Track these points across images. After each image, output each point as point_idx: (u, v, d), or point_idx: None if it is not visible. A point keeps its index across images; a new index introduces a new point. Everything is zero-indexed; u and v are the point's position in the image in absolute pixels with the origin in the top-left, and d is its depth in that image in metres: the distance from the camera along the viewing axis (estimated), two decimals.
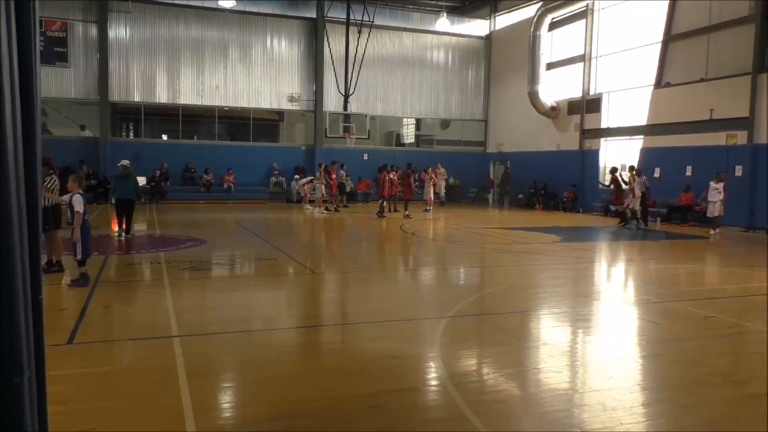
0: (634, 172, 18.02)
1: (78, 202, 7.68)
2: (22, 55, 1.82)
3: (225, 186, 25.85)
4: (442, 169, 26.29)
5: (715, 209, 16.09)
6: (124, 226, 12.91)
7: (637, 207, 17.81)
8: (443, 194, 26.47)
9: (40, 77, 2.11)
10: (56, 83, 24.09)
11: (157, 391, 4.32)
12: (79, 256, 7.77)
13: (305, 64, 27.90)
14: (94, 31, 24.67)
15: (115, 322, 6.54)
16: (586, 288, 9.18)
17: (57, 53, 23.89)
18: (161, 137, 27.72)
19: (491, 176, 30.85)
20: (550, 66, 26.41)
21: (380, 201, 20.10)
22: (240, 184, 26.29)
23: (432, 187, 23.15)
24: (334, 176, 22.90)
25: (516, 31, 28.22)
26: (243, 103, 27.08)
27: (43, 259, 7.86)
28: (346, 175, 25.83)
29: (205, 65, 26.35)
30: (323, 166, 22.34)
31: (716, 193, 16.04)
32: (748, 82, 17.74)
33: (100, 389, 4.35)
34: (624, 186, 18.14)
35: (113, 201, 13.85)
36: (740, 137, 18.10)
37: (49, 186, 8.33)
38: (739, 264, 11.77)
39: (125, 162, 13.57)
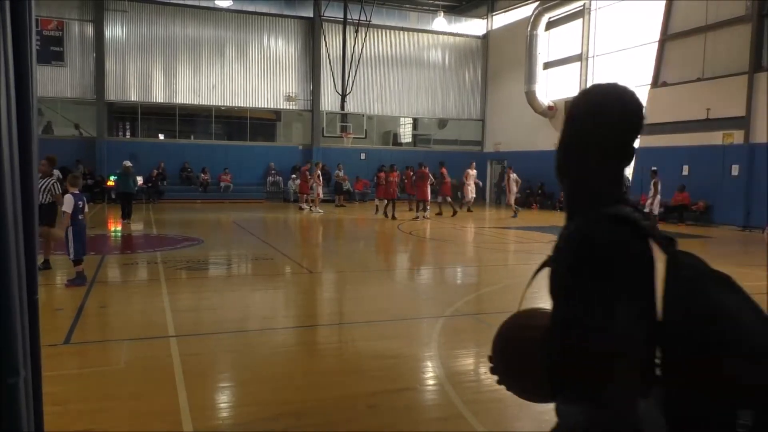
0: (508, 168, 20.73)
1: (67, 202, 7.65)
2: (18, 55, 1.82)
3: (222, 186, 25.77)
4: (474, 171, 22.99)
5: (649, 206, 16.06)
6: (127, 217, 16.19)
7: (512, 202, 20.30)
8: (471, 199, 22.71)
9: (36, 77, 2.11)
10: (52, 83, 24.00)
11: (154, 391, 4.32)
12: (71, 256, 7.74)
13: (302, 64, 27.86)
14: (90, 30, 24.60)
15: (112, 322, 6.53)
16: None
17: (53, 52, 23.81)
18: (158, 137, 27.63)
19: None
20: (547, 65, 26.43)
21: (387, 202, 19.70)
22: (237, 183, 26.21)
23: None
24: (307, 176, 21.63)
25: (513, 31, 28.22)
26: (240, 102, 27.01)
27: (40, 259, 7.84)
28: (343, 174, 25.77)
29: (202, 64, 26.29)
30: (320, 166, 22.23)
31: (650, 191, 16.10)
32: (745, 82, 17.77)
33: (96, 389, 4.34)
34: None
35: (113, 196, 17.69)
36: (737, 137, 18.13)
37: (42, 187, 8.31)
38: (737, 264, 11.78)
39: (127, 163, 16.91)
